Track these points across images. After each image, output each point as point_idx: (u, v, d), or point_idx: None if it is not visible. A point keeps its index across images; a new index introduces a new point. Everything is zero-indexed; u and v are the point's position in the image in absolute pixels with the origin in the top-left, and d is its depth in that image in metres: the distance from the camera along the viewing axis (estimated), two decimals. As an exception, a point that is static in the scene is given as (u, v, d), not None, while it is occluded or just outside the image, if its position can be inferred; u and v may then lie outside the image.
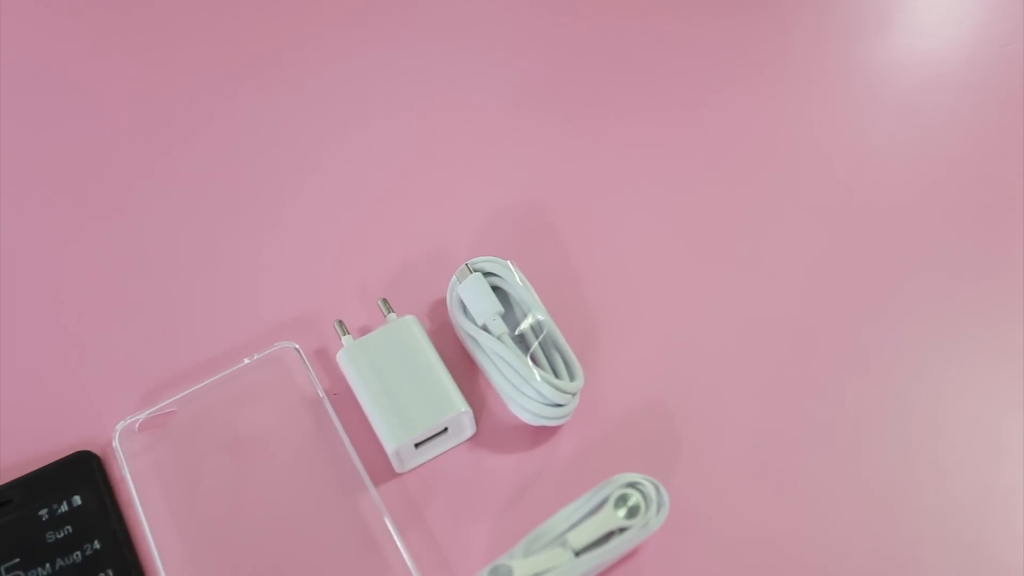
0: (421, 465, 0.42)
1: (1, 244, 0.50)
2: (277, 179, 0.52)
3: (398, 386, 0.41)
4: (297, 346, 0.45)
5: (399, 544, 0.39)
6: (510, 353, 0.42)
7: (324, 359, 0.45)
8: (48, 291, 0.48)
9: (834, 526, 0.40)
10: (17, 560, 0.39)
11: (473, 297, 0.44)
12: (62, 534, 0.40)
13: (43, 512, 0.41)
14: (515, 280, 0.44)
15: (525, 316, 0.43)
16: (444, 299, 0.46)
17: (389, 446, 0.40)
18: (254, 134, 0.54)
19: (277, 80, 0.56)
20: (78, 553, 0.40)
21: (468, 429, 0.42)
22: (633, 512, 0.38)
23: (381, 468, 0.42)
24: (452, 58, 0.57)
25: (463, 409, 0.41)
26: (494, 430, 0.43)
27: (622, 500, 0.38)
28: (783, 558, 0.39)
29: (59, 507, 0.41)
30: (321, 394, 0.43)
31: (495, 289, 0.44)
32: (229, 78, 0.56)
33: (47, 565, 0.39)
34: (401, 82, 0.56)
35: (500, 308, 0.43)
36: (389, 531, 0.40)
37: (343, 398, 0.44)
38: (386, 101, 0.55)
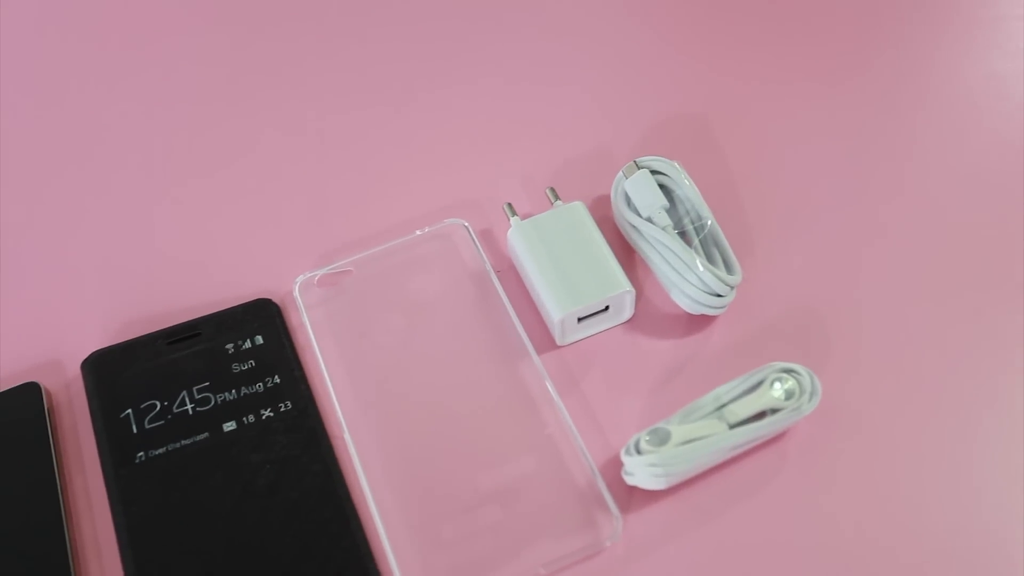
0: (579, 341, 0.44)
1: (215, 109, 0.54)
2: (456, 73, 0.55)
3: (566, 262, 0.44)
4: (466, 223, 0.47)
5: (559, 404, 0.42)
6: (674, 242, 0.44)
7: (488, 239, 0.48)
8: (250, 160, 0.52)
9: (972, 440, 0.41)
10: (207, 384, 0.43)
11: (639, 191, 0.46)
12: (246, 367, 0.44)
13: (229, 346, 0.44)
14: (682, 179, 0.46)
15: (688, 214, 0.45)
16: (604, 196, 0.48)
17: (556, 315, 0.43)
18: (436, 24, 0.57)
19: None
20: (260, 385, 0.43)
21: (627, 311, 0.44)
22: (787, 396, 0.40)
23: (541, 340, 0.44)
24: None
25: (627, 288, 0.43)
26: (650, 316, 0.45)
27: (778, 383, 0.40)
28: (921, 464, 0.41)
29: (243, 343, 0.44)
30: (488, 268, 0.46)
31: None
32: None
33: (232, 391, 0.43)
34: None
35: (666, 202, 0.45)
36: (549, 394, 0.42)
37: (506, 276, 0.46)
38: (566, 3, 0.57)
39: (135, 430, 0.42)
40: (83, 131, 0.53)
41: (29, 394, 0.43)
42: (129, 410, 0.42)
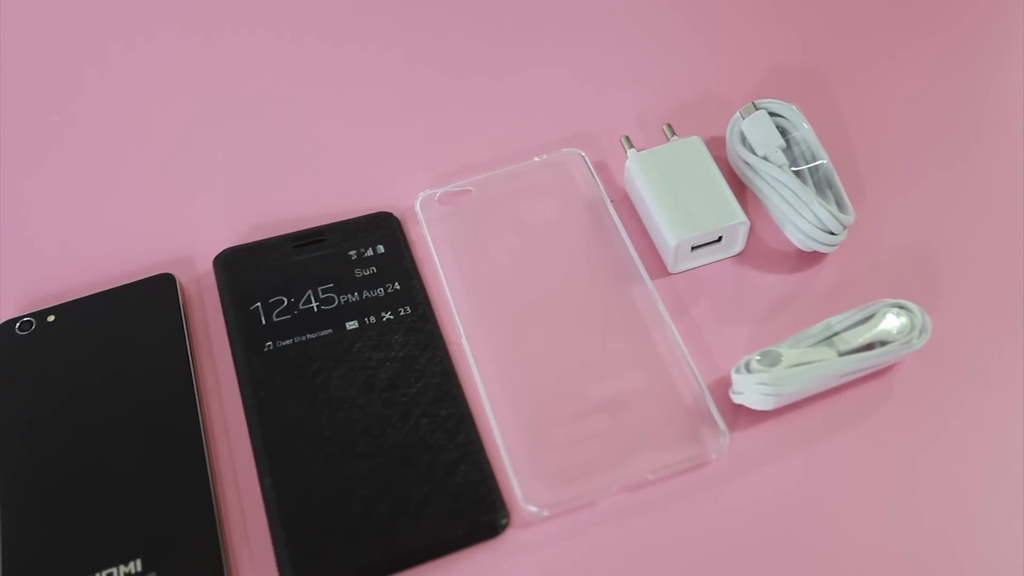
0: (690, 270, 0.46)
1: (356, 35, 0.56)
2: (583, 12, 0.56)
3: (683, 191, 0.45)
4: (583, 153, 0.49)
5: (670, 325, 0.43)
6: (790, 179, 0.44)
7: (602, 171, 0.49)
8: (383, 83, 0.54)
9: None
10: (331, 285, 0.45)
11: (756, 130, 0.47)
12: (367, 272, 0.46)
13: (352, 253, 0.46)
14: (800, 121, 0.47)
15: (803, 155, 0.46)
16: (716, 138, 0.49)
17: (671, 240, 0.44)
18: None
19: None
20: (380, 289, 0.45)
21: (739, 244, 0.45)
22: (898, 330, 0.41)
23: (652, 267, 0.45)
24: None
25: (742, 220, 0.44)
26: (760, 251, 0.46)
27: (891, 315, 0.41)
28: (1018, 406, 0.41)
29: (365, 251, 0.46)
30: (603, 195, 0.47)
31: (775, 129, 0.47)
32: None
33: (355, 294, 0.45)
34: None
35: (782, 142, 0.46)
36: (660, 315, 0.43)
37: (619, 205, 0.48)
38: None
39: (263, 322, 0.44)
40: (226, 46, 0.55)
41: (165, 283, 0.45)
42: (258, 303, 0.44)
